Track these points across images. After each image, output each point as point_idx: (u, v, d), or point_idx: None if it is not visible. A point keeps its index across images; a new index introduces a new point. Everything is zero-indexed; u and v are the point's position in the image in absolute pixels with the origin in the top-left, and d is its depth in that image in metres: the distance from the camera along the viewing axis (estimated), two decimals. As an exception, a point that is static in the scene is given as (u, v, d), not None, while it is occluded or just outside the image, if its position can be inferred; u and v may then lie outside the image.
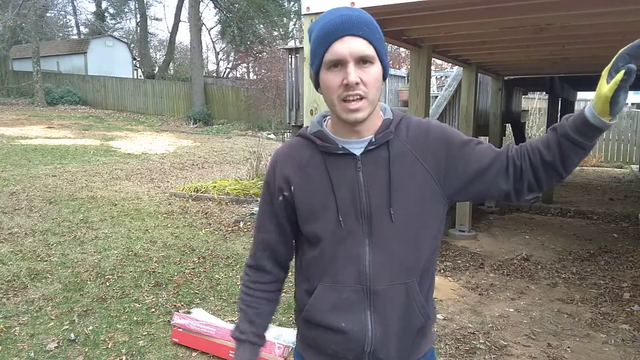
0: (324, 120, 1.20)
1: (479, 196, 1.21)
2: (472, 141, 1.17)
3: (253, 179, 8.19)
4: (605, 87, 0.98)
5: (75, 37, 32.17)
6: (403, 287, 1.14)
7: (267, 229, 1.24)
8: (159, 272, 4.36)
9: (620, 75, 0.96)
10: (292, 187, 1.16)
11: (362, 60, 1.04)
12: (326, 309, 1.16)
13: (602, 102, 0.99)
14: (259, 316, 1.27)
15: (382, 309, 1.14)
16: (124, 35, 33.14)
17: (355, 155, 1.13)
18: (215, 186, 7.73)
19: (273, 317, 1.33)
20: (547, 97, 9.88)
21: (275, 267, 1.28)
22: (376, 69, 1.07)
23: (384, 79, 1.10)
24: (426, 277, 1.19)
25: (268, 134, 16.18)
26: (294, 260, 1.30)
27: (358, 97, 1.05)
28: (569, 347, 3.19)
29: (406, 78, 9.72)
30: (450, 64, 7.05)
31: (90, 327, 3.30)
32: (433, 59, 5.32)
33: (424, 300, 1.18)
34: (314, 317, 1.18)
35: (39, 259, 4.58)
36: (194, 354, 3.02)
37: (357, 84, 1.03)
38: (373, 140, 1.12)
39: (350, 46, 1.03)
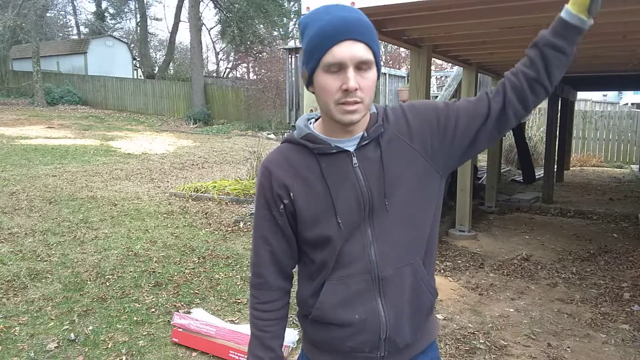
0: (310, 123, 1.20)
1: (472, 153, 1.22)
2: (447, 106, 1.18)
3: (253, 179, 8.18)
4: None
5: (75, 37, 32.17)
6: (409, 268, 1.16)
7: (270, 242, 1.20)
8: (159, 272, 4.36)
9: None
10: (292, 194, 1.14)
11: (361, 66, 1.04)
12: (336, 305, 1.16)
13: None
14: (274, 338, 1.24)
15: (391, 294, 1.15)
16: (124, 35, 33.15)
17: (349, 151, 1.13)
18: (215, 186, 7.73)
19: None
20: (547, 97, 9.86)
21: (282, 280, 1.24)
22: (373, 73, 1.07)
23: (377, 78, 1.11)
24: (430, 255, 1.22)
25: (268, 134, 16.18)
26: None
27: (355, 102, 1.05)
28: (569, 347, 3.19)
29: (406, 78, 9.73)
30: (450, 64, 7.06)
31: (90, 327, 3.30)
32: (433, 59, 5.32)
33: (430, 278, 1.22)
34: (325, 315, 1.17)
35: (39, 259, 4.58)
36: (194, 354, 3.02)
37: (356, 89, 1.03)
38: (365, 135, 1.13)
39: (351, 51, 1.02)
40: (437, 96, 7.09)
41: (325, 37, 1.03)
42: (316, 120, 1.21)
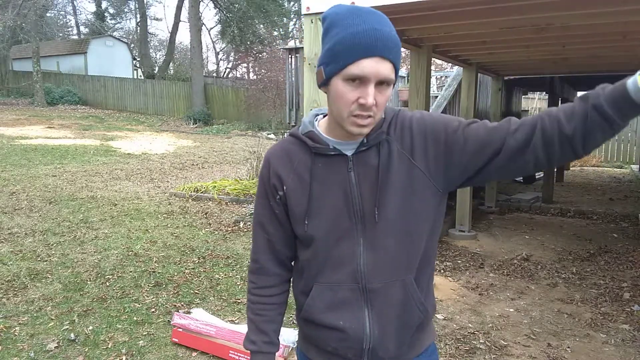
0: (316, 120, 1.19)
1: (480, 180, 1.15)
2: (459, 126, 1.11)
3: (253, 179, 8.18)
4: None
5: (75, 37, 32.18)
6: (400, 284, 1.15)
7: (267, 229, 1.23)
8: (159, 272, 4.36)
9: None
10: (285, 187, 1.16)
11: (381, 83, 1.02)
12: (323, 309, 1.17)
13: None
14: (269, 323, 1.26)
15: (379, 307, 1.14)
16: (124, 35, 33.17)
17: (346, 155, 1.13)
18: (215, 186, 7.73)
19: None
20: (547, 97, 9.88)
21: (279, 267, 1.26)
22: (390, 90, 1.06)
23: None
24: (424, 272, 1.20)
25: (268, 134, 16.17)
26: None
27: (368, 117, 1.04)
28: (569, 347, 3.19)
29: (406, 78, 9.72)
30: (450, 64, 7.05)
31: (90, 327, 3.30)
32: (433, 59, 5.32)
33: (423, 295, 1.19)
34: (312, 316, 1.19)
35: (39, 259, 4.58)
36: (194, 354, 3.02)
37: (372, 105, 1.02)
38: (365, 141, 1.12)
39: (378, 68, 1.00)
40: (437, 96, 7.08)
41: (356, 47, 1.00)
42: (324, 116, 1.20)
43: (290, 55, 6.99)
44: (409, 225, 1.14)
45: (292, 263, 1.29)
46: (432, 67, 7.24)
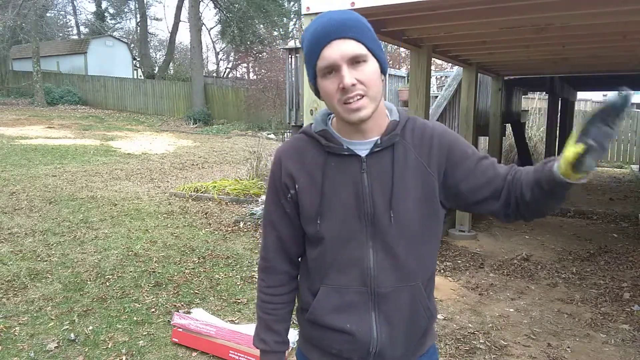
0: (329, 119, 1.19)
1: (470, 209, 1.23)
2: (474, 156, 1.16)
3: (253, 179, 8.18)
4: (570, 150, 0.92)
5: (75, 37, 32.18)
6: (408, 289, 1.15)
7: (277, 227, 1.23)
8: (159, 272, 4.36)
9: (580, 148, 0.90)
10: (297, 186, 1.16)
11: (355, 61, 1.03)
12: (330, 311, 1.16)
13: (565, 165, 0.94)
14: (279, 322, 1.27)
15: (387, 311, 1.14)
16: (124, 35, 33.17)
17: (360, 156, 1.12)
18: (215, 186, 7.73)
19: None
20: (547, 97, 9.88)
21: (288, 265, 1.26)
22: (371, 66, 1.05)
23: (383, 73, 1.09)
24: (430, 278, 1.21)
25: (268, 134, 16.17)
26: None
27: (358, 96, 1.04)
28: (569, 347, 3.19)
29: (406, 78, 9.71)
30: (450, 64, 7.05)
31: (90, 327, 3.30)
32: (433, 59, 5.32)
33: (428, 300, 1.20)
34: (319, 318, 1.18)
35: (39, 259, 4.58)
36: (194, 354, 3.02)
37: (353, 85, 1.02)
38: (379, 142, 1.11)
39: (340, 49, 1.02)
40: (437, 96, 7.07)
41: (314, 43, 1.04)
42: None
43: (290, 55, 6.99)
44: (422, 231, 1.14)
45: (299, 259, 1.29)
46: (432, 67, 7.24)
